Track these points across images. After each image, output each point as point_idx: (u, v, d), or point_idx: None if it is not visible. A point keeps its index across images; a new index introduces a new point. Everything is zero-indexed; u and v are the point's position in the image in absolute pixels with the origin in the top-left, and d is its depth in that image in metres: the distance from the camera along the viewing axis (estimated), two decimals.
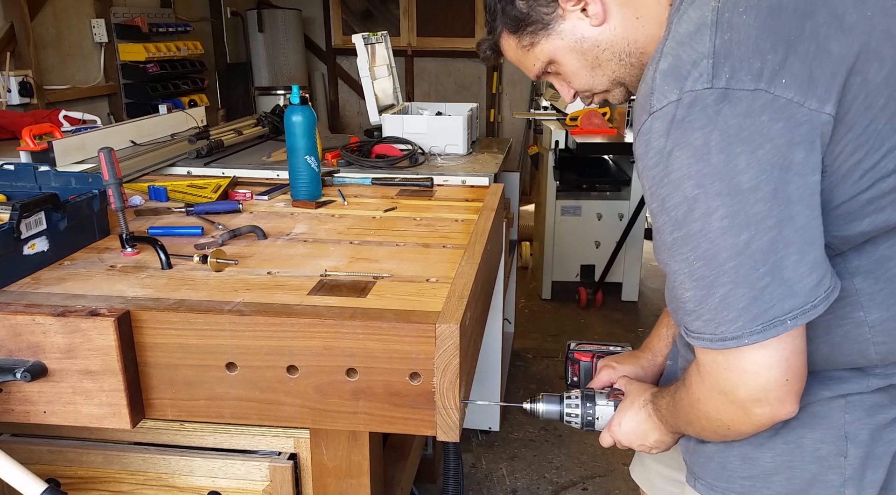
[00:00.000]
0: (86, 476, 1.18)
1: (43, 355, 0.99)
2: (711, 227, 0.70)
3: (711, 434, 0.85)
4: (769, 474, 0.86)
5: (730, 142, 0.68)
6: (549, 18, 0.89)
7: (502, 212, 1.92)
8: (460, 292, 1.09)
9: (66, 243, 1.27)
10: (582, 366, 1.23)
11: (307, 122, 1.63)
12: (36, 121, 2.34)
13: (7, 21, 3.12)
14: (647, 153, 0.74)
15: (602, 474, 2.36)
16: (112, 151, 1.26)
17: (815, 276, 0.70)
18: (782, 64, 0.68)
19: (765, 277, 0.69)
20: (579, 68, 0.92)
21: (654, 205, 0.76)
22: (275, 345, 0.99)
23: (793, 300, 0.70)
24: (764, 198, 0.68)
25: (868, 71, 0.69)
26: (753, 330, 0.71)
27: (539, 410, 1.08)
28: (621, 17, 0.86)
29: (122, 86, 3.92)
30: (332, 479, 1.16)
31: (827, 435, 0.83)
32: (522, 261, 4.23)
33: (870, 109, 0.69)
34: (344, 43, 6.01)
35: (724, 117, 0.68)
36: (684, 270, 0.74)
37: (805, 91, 0.68)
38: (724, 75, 0.68)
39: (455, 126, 2.20)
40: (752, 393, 0.74)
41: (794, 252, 0.69)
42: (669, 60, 0.73)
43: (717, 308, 0.72)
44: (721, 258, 0.70)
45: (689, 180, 0.70)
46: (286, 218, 1.57)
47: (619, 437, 1.01)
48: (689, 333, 0.77)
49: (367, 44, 2.39)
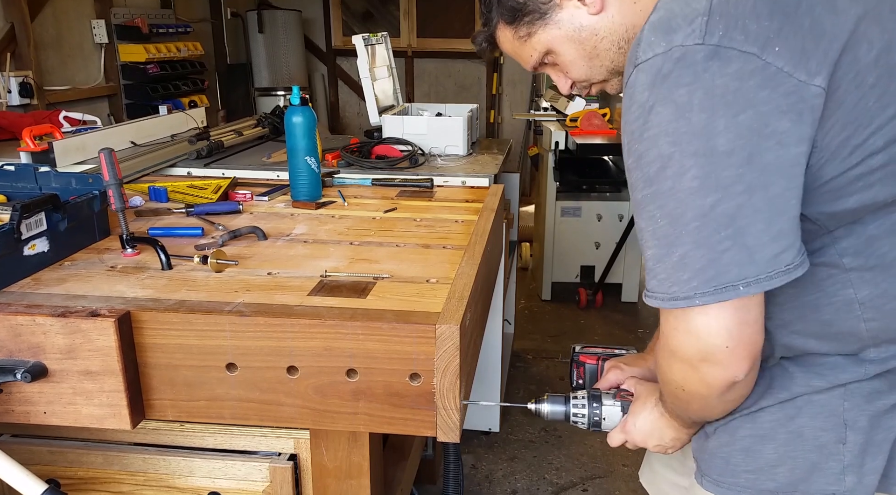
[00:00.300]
0: (86, 476, 1.18)
1: (43, 356, 0.99)
2: (682, 187, 0.70)
3: (675, 399, 0.86)
4: (772, 466, 0.86)
5: (713, 103, 0.68)
6: (547, 8, 0.88)
7: (502, 213, 1.92)
8: (460, 293, 1.09)
9: (66, 244, 1.27)
10: (587, 369, 1.22)
11: (307, 123, 1.63)
12: (36, 121, 2.34)
13: (7, 22, 3.12)
14: (630, 107, 0.74)
15: (602, 475, 2.36)
16: (112, 152, 1.26)
17: (776, 247, 0.70)
18: (777, 32, 0.68)
19: (725, 240, 0.69)
20: (577, 58, 0.91)
21: (629, 161, 0.75)
22: (275, 345, 0.99)
23: (751, 267, 0.70)
24: (737, 163, 0.68)
25: (858, 50, 0.69)
26: (705, 291, 0.71)
27: (544, 411, 1.08)
28: (619, 4, 0.85)
29: (123, 86, 3.92)
30: (332, 480, 1.16)
31: (827, 423, 0.83)
32: (522, 262, 4.23)
33: (860, 87, 0.70)
34: (344, 44, 6.01)
35: (710, 75, 0.68)
36: (649, 228, 0.74)
37: (796, 62, 0.68)
38: (717, 32, 0.68)
39: (455, 127, 2.20)
40: (696, 353, 0.74)
41: (761, 220, 0.69)
42: (661, 13, 0.73)
43: (675, 267, 0.72)
44: (686, 218, 0.70)
45: (666, 137, 0.70)
46: (286, 218, 1.57)
47: (634, 438, 1.01)
48: (646, 293, 0.77)
49: (367, 45, 2.39)
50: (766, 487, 0.86)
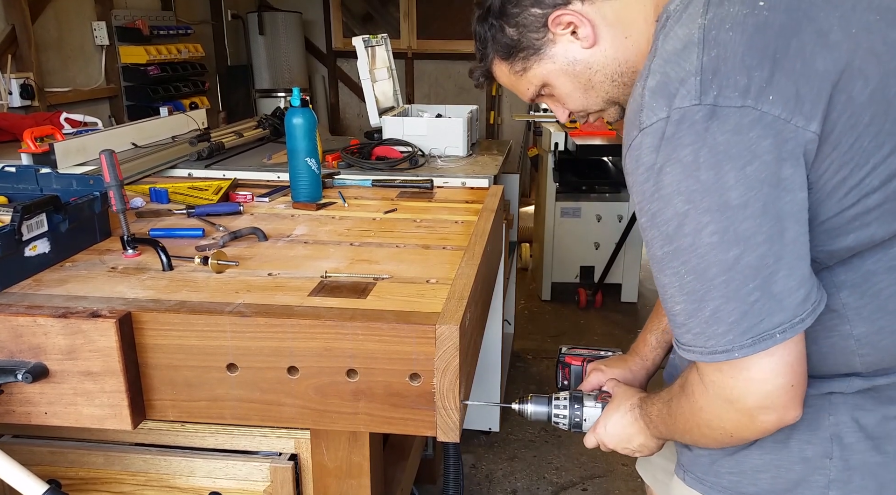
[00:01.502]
0: (87, 477, 1.18)
1: (44, 356, 1.00)
2: (702, 243, 0.71)
3: (711, 441, 0.85)
4: (756, 471, 0.86)
5: (718, 159, 0.69)
6: (541, 43, 0.90)
7: (502, 214, 1.93)
8: (460, 293, 1.09)
9: (67, 245, 1.27)
10: (573, 370, 1.24)
11: (308, 125, 1.63)
12: (37, 123, 2.34)
13: (8, 23, 3.13)
14: (638, 168, 0.75)
15: (602, 474, 2.36)
16: (113, 153, 1.26)
17: (803, 291, 0.71)
18: (769, 80, 0.68)
19: (754, 292, 0.70)
20: (573, 90, 0.93)
21: (643, 220, 0.77)
22: (275, 346, 1.00)
23: (781, 314, 0.70)
24: (753, 215, 0.69)
25: (853, 88, 0.69)
26: (743, 343, 0.71)
27: (527, 411, 1.09)
28: (611, 38, 0.87)
29: (123, 88, 3.92)
30: (332, 480, 1.16)
31: (813, 437, 0.83)
32: (522, 263, 4.24)
33: (855, 127, 0.70)
34: (344, 45, 6.02)
35: (712, 134, 0.69)
36: (675, 284, 0.75)
37: (792, 108, 0.68)
38: (711, 92, 0.69)
39: (455, 128, 2.21)
40: (760, 401, 0.74)
41: (784, 267, 0.70)
42: (658, 78, 0.73)
43: (708, 322, 0.73)
44: (711, 273, 0.71)
45: (679, 196, 0.71)
46: (287, 219, 1.57)
47: (603, 439, 1.02)
48: (681, 346, 0.78)
49: (368, 46, 2.39)
50: (748, 491, 0.87)
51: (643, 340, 1.20)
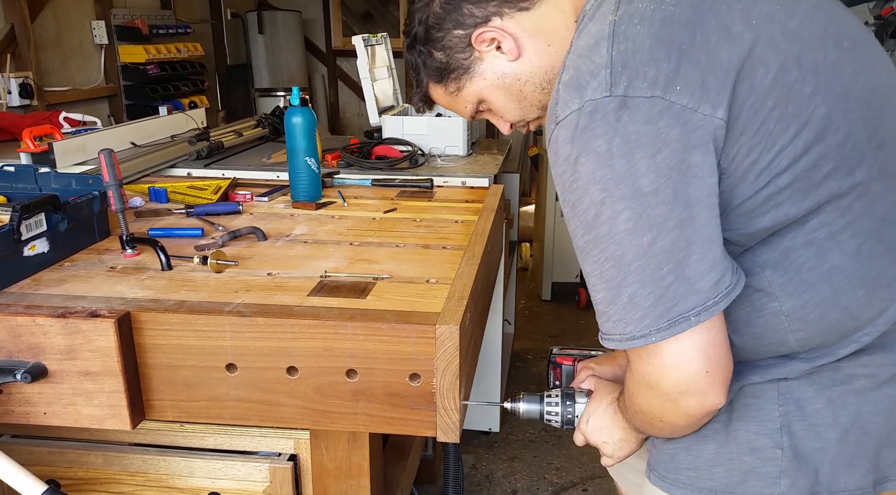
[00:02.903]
0: (86, 477, 1.18)
1: (43, 356, 0.99)
2: (618, 230, 0.73)
3: (650, 427, 0.88)
4: (711, 465, 0.88)
5: (630, 148, 0.71)
6: (468, 62, 0.94)
7: (502, 214, 1.92)
8: (460, 293, 1.09)
9: (66, 244, 1.27)
10: (564, 370, 1.25)
11: (307, 124, 1.63)
12: (36, 122, 2.34)
13: (7, 22, 3.12)
14: (557, 161, 0.77)
15: (602, 475, 2.36)
16: (112, 153, 1.26)
17: (715, 274, 0.73)
18: (676, 71, 0.71)
19: (668, 275, 0.72)
20: (507, 102, 0.97)
21: (566, 211, 0.79)
22: (275, 346, 1.00)
23: (695, 297, 0.72)
24: (665, 201, 0.71)
25: (755, 76, 0.72)
26: (659, 327, 0.73)
27: (519, 409, 1.09)
28: (534, 48, 0.91)
29: (123, 87, 3.92)
30: (332, 480, 1.16)
31: (761, 428, 0.85)
32: (522, 262, 4.23)
33: (759, 112, 0.72)
34: (344, 44, 6.01)
35: (623, 124, 0.71)
36: (595, 272, 0.77)
37: (698, 97, 0.71)
38: (621, 84, 0.71)
39: (455, 127, 2.20)
40: (675, 386, 0.76)
41: (695, 251, 0.72)
42: (571, 72, 0.76)
43: (626, 307, 0.75)
44: (627, 258, 0.73)
45: (594, 185, 0.73)
46: (286, 219, 1.57)
47: (587, 434, 1.03)
48: (602, 336, 0.80)
49: (367, 45, 2.39)
50: (706, 486, 0.88)
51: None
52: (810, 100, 0.73)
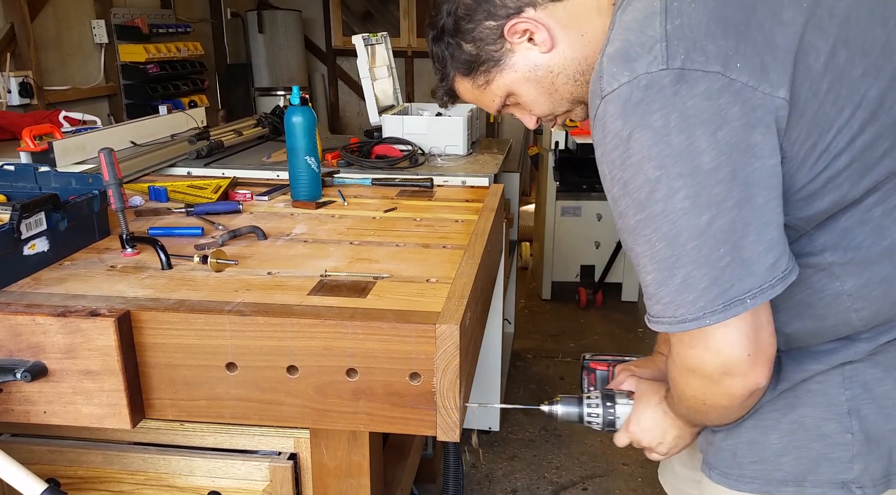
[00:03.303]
0: (86, 476, 1.18)
1: (43, 355, 0.99)
2: (674, 208, 0.71)
3: (695, 413, 0.87)
4: (778, 456, 0.87)
5: (689, 124, 0.69)
6: (500, 54, 0.91)
7: (502, 213, 1.92)
8: (460, 292, 1.09)
9: (66, 243, 1.27)
10: (598, 375, 1.22)
11: (307, 123, 1.63)
12: (36, 121, 2.34)
13: (7, 22, 3.12)
14: (605, 137, 0.75)
15: (602, 474, 2.36)
16: (112, 152, 1.26)
17: (771, 256, 0.72)
18: (735, 50, 0.70)
19: (725, 257, 0.71)
20: (538, 96, 0.94)
21: (615, 190, 0.77)
22: (275, 345, 1.00)
23: (751, 280, 0.71)
24: (724, 179, 0.70)
25: (808, 60, 0.71)
26: (714, 309, 0.72)
27: (558, 412, 1.08)
28: (568, 39, 0.88)
29: (123, 86, 3.92)
30: (332, 479, 1.16)
31: (828, 413, 0.84)
32: (522, 262, 4.23)
33: (816, 95, 0.72)
34: (344, 44, 6.01)
35: (681, 98, 0.69)
36: (647, 252, 0.75)
37: (758, 76, 0.70)
38: (678, 56, 0.70)
39: (455, 127, 2.20)
40: (718, 368, 0.75)
41: (752, 232, 0.71)
42: (617, 44, 0.74)
43: (678, 289, 0.73)
44: (683, 238, 0.72)
45: (650, 162, 0.71)
46: (286, 218, 1.57)
47: (637, 436, 1.02)
48: (651, 318, 0.78)
49: (367, 45, 2.39)
50: (774, 477, 0.87)
51: (664, 338, 1.19)
52: (861, 81, 0.72)
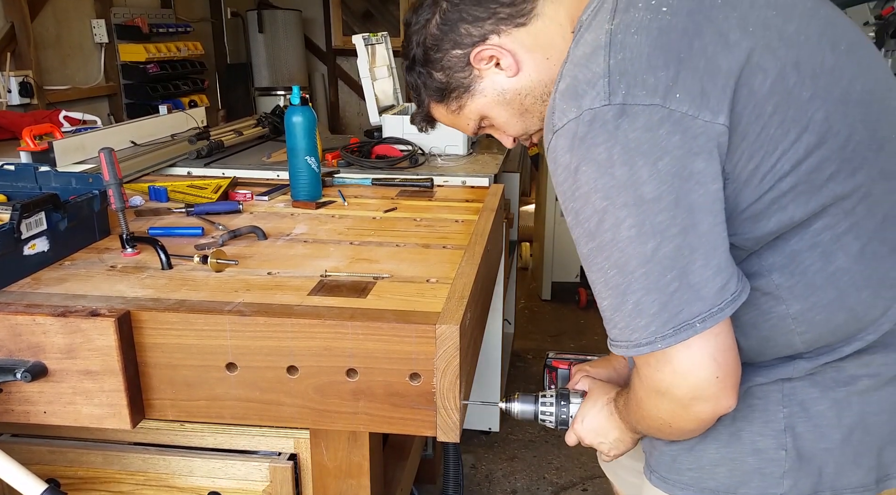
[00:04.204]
0: (86, 476, 1.18)
1: (43, 355, 0.99)
2: (621, 237, 0.73)
3: (656, 432, 0.88)
4: (714, 465, 0.88)
5: (631, 156, 0.71)
6: (469, 81, 0.95)
7: (502, 213, 1.92)
8: (460, 293, 1.09)
9: (66, 243, 1.27)
10: (559, 374, 1.27)
11: (307, 123, 1.63)
12: (36, 121, 2.34)
13: (7, 21, 3.12)
14: (556, 170, 0.77)
15: (601, 475, 2.35)
16: (112, 152, 1.26)
17: (720, 280, 0.72)
18: (675, 79, 0.71)
19: (672, 282, 0.72)
20: (509, 117, 0.97)
21: (570, 219, 0.79)
22: (275, 345, 1.00)
23: (700, 304, 0.72)
24: (667, 207, 0.71)
25: (753, 82, 0.72)
26: (665, 334, 0.73)
27: (514, 410, 1.10)
28: (533, 63, 0.91)
29: (123, 86, 3.92)
30: (332, 480, 1.16)
31: (765, 429, 0.85)
32: (522, 262, 4.23)
33: (760, 117, 0.73)
34: (344, 43, 6.01)
35: (623, 132, 0.71)
36: (600, 279, 0.77)
37: (698, 104, 0.71)
38: (620, 92, 0.71)
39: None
40: (688, 392, 0.76)
41: (699, 257, 0.72)
42: (567, 81, 0.76)
43: (631, 314, 0.75)
44: (632, 265, 0.73)
45: (596, 193, 0.73)
46: (286, 218, 1.57)
47: (581, 434, 1.03)
48: (610, 342, 0.80)
49: (368, 44, 2.39)
50: (708, 486, 0.89)
51: None
52: (809, 104, 0.73)
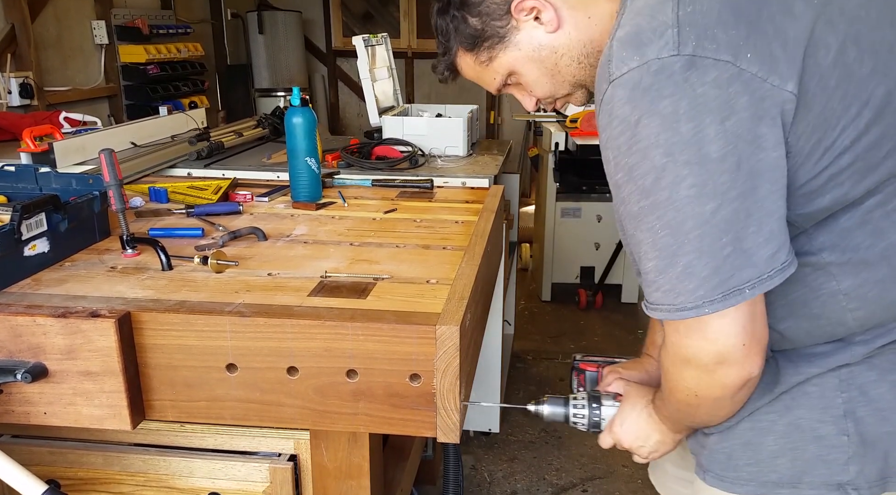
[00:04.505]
0: (86, 477, 1.18)
1: (43, 356, 0.99)
2: (679, 196, 0.71)
3: (686, 407, 0.86)
4: (773, 457, 0.87)
5: (699, 111, 0.69)
6: (505, 31, 0.90)
7: (502, 214, 1.92)
8: (460, 293, 1.09)
9: (66, 244, 1.27)
10: (588, 376, 1.23)
11: (307, 124, 1.63)
12: (36, 122, 2.34)
13: (8, 22, 3.12)
14: (612, 122, 0.74)
15: (602, 476, 2.36)
16: (113, 153, 1.26)
17: (771, 247, 0.72)
18: (746, 39, 0.70)
19: (727, 247, 0.71)
20: (540, 76, 0.93)
21: (619, 176, 0.76)
22: (275, 346, 1.00)
23: (751, 270, 0.71)
24: (730, 169, 0.70)
25: (818, 54, 0.71)
26: (714, 298, 0.72)
27: (544, 412, 1.08)
28: (574, 20, 0.87)
29: (123, 87, 3.92)
30: (332, 480, 1.16)
31: (825, 415, 0.84)
32: (522, 263, 4.23)
33: (824, 90, 0.72)
34: (344, 45, 6.01)
35: (692, 85, 0.69)
36: (648, 239, 0.75)
37: (768, 68, 0.70)
38: (690, 43, 0.69)
39: (455, 128, 2.20)
40: (713, 357, 0.76)
41: (754, 223, 0.71)
42: (627, 29, 0.74)
43: (679, 277, 0.73)
44: (687, 227, 0.72)
45: (657, 148, 0.71)
46: (286, 219, 1.57)
47: (620, 438, 1.02)
48: (648, 305, 0.79)
49: (368, 46, 2.39)
50: (769, 479, 0.87)
51: (652, 341, 1.20)
52: (869, 79, 0.73)
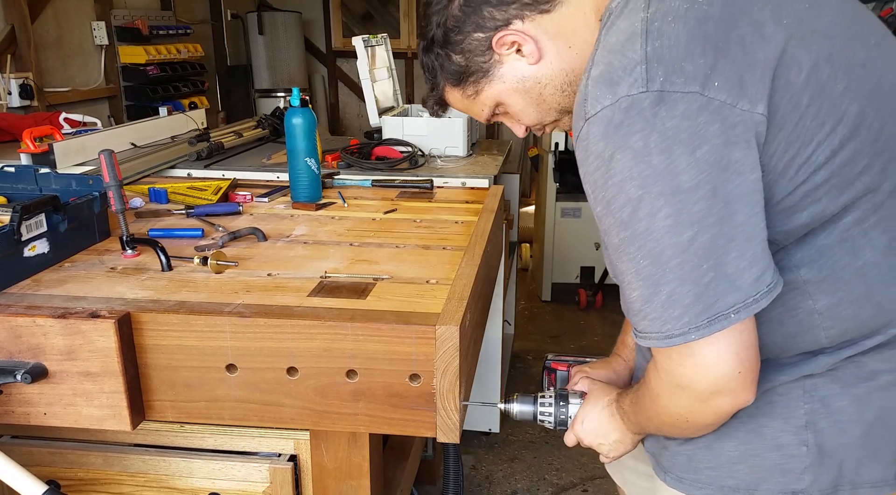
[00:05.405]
0: (86, 477, 1.18)
1: (43, 357, 0.99)
2: (656, 226, 0.72)
3: (671, 428, 0.87)
4: (732, 463, 0.88)
5: (669, 144, 0.70)
6: (488, 65, 0.92)
7: (502, 214, 1.92)
8: (460, 294, 1.09)
9: (66, 245, 1.27)
10: (558, 375, 1.27)
11: (307, 125, 1.63)
12: (36, 123, 2.34)
13: (8, 23, 3.12)
14: (588, 158, 0.77)
15: (602, 476, 2.36)
16: (112, 153, 1.26)
17: (755, 270, 0.72)
18: (713, 68, 0.71)
19: (708, 273, 0.72)
20: (526, 106, 0.95)
21: (598, 209, 0.78)
22: (275, 346, 1.00)
23: (735, 294, 0.72)
24: (704, 197, 0.71)
25: (789, 74, 0.72)
26: (699, 325, 0.73)
27: (513, 410, 1.10)
28: (556, 51, 0.89)
29: (123, 88, 3.92)
30: (332, 481, 1.16)
31: (786, 425, 0.85)
32: (522, 263, 4.23)
33: (796, 108, 0.73)
34: (344, 45, 6.01)
35: (661, 119, 0.70)
36: (631, 270, 0.76)
37: (737, 93, 0.71)
38: (657, 79, 0.71)
39: (455, 128, 2.20)
40: (709, 386, 0.76)
41: (735, 248, 0.71)
42: (601, 67, 0.75)
43: (664, 306, 0.74)
44: (666, 256, 0.73)
45: (631, 182, 0.73)
46: (286, 220, 1.57)
47: (580, 435, 1.03)
48: (638, 333, 0.79)
49: (367, 46, 2.39)
50: (727, 484, 0.88)
51: (622, 342, 1.23)
52: (842, 97, 0.74)
